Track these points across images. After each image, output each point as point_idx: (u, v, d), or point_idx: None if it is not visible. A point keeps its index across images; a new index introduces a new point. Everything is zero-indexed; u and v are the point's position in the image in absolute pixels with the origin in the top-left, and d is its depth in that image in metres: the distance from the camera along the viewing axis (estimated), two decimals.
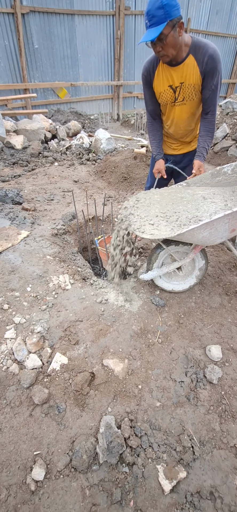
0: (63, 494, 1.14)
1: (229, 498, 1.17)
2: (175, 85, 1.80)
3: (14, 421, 1.30)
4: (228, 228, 1.55)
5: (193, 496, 1.17)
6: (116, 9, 7.36)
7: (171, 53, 1.62)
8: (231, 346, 1.68)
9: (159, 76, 1.82)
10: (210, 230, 1.53)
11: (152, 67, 1.83)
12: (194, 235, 1.54)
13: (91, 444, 1.23)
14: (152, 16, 1.49)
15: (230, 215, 1.47)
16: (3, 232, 2.46)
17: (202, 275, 1.95)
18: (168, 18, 1.48)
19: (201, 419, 1.37)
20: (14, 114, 6.01)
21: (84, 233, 2.92)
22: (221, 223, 1.51)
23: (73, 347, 1.59)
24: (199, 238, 1.57)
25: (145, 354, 1.61)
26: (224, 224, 1.52)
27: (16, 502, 1.10)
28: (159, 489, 1.17)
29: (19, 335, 1.60)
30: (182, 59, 1.70)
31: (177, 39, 1.58)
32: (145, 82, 1.91)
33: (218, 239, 1.62)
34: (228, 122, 5.55)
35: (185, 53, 1.68)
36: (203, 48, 1.64)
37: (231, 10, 9.55)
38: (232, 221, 1.52)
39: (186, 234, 1.53)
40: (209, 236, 1.57)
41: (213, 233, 1.56)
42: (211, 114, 1.84)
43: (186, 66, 1.71)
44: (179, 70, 1.74)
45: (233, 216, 1.49)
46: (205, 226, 1.49)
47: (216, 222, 1.49)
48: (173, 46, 1.59)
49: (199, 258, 1.87)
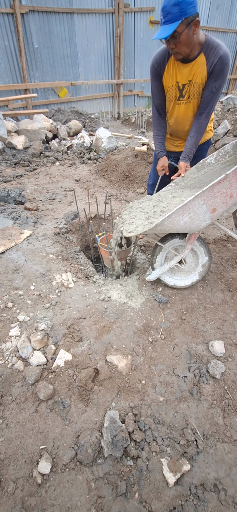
0: (69, 487, 1.16)
1: (233, 490, 1.18)
2: (182, 82, 1.77)
3: (20, 416, 1.33)
4: (207, 209, 1.56)
5: (197, 488, 1.18)
6: (116, 6, 7.34)
7: (184, 51, 1.59)
8: (234, 341, 1.69)
9: (169, 70, 1.79)
10: (188, 214, 1.55)
11: (163, 60, 1.78)
12: (174, 223, 1.58)
13: (96, 438, 1.25)
14: (167, 13, 1.46)
15: (203, 195, 1.49)
16: (6, 231, 2.48)
17: (205, 272, 1.96)
18: (183, 16, 1.45)
19: (204, 413, 1.39)
20: (15, 115, 6.03)
21: (86, 232, 2.94)
22: (197, 205, 1.53)
23: (77, 344, 1.61)
24: (181, 225, 1.60)
25: (148, 350, 1.62)
26: (201, 206, 1.54)
27: (23, 495, 1.13)
28: (164, 482, 1.18)
29: (23, 333, 1.63)
30: (194, 57, 1.67)
31: (191, 38, 1.54)
32: (155, 75, 1.85)
33: (202, 222, 1.62)
34: (230, 118, 5.52)
35: (197, 51, 1.66)
36: (215, 49, 1.61)
37: (231, 4, 9.48)
38: (208, 201, 1.53)
39: (167, 224, 1.57)
40: (191, 220, 1.59)
41: (194, 217, 1.58)
42: (204, 117, 1.81)
43: (196, 64, 1.68)
44: (190, 68, 1.71)
45: (207, 196, 1.50)
46: (181, 212, 1.53)
47: (191, 205, 1.52)
48: (186, 45, 1.56)
49: (202, 254, 1.88)
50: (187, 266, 1.97)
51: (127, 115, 8.51)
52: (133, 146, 5.08)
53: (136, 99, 9.11)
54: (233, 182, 1.47)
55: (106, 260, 2.35)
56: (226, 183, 1.48)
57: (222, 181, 1.47)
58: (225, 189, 1.50)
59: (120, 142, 5.82)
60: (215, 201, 1.54)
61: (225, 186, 1.49)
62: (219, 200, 1.53)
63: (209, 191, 1.49)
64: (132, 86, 8.80)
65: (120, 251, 2.18)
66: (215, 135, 5.38)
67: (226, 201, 1.54)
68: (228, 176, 1.45)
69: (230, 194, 1.51)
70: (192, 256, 1.95)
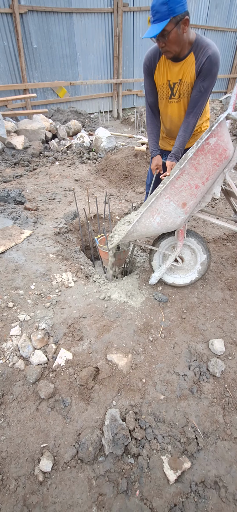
0: (70, 485, 1.16)
1: (233, 487, 1.19)
2: (173, 81, 1.78)
3: (21, 415, 1.33)
4: (176, 205, 1.53)
5: (198, 485, 1.19)
6: (114, 6, 7.35)
7: (174, 50, 1.60)
8: (234, 340, 1.70)
9: (160, 68, 1.80)
10: (158, 215, 1.55)
11: (154, 58, 1.79)
12: (148, 226, 1.58)
13: (97, 436, 1.26)
14: (156, 12, 1.47)
15: (165, 193, 1.48)
16: (6, 231, 2.49)
17: (204, 270, 1.96)
18: (172, 14, 1.45)
19: (204, 411, 1.39)
20: (14, 115, 6.03)
21: (86, 232, 2.94)
22: (163, 204, 1.52)
23: (77, 343, 1.62)
24: (156, 226, 1.59)
25: (148, 348, 1.63)
26: (168, 204, 1.52)
27: (25, 492, 1.14)
28: (164, 479, 1.19)
29: (24, 332, 1.63)
30: (184, 56, 1.68)
31: (181, 36, 1.55)
32: (147, 72, 1.87)
33: (177, 219, 1.60)
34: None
35: (188, 50, 1.66)
36: (204, 48, 1.61)
37: (230, 3, 9.48)
38: (174, 198, 1.50)
39: (140, 229, 1.57)
40: (164, 220, 1.58)
41: (165, 216, 1.56)
42: (192, 116, 1.80)
43: (186, 63, 1.69)
44: (180, 67, 1.72)
45: (171, 193, 1.49)
46: (149, 214, 1.53)
47: (156, 205, 1.51)
48: (176, 43, 1.57)
49: (200, 252, 1.89)
50: (186, 265, 1.98)
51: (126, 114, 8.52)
52: (132, 145, 5.09)
53: (136, 99, 9.11)
54: (193, 173, 1.44)
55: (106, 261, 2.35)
56: (186, 176, 1.45)
57: (180, 176, 1.44)
58: (188, 182, 1.47)
59: (119, 141, 5.82)
60: (181, 196, 1.51)
61: (186, 179, 1.46)
62: (185, 193, 1.50)
63: (170, 188, 1.47)
64: (131, 86, 8.81)
65: (118, 253, 2.19)
66: None
67: (194, 192, 1.50)
68: (185, 169, 1.42)
69: (194, 185, 1.48)
70: (191, 254, 1.95)
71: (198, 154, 1.39)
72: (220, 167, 1.45)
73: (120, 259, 2.28)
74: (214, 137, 1.36)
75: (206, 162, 1.42)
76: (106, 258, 2.26)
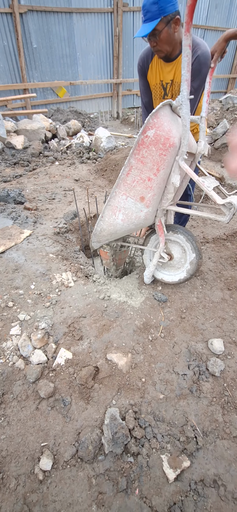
0: (70, 483, 1.17)
1: (232, 485, 1.20)
2: (165, 81, 1.79)
3: (21, 414, 1.34)
4: (135, 200, 1.52)
5: (197, 484, 1.20)
6: (114, 6, 7.35)
7: (166, 49, 1.61)
8: (233, 339, 1.71)
9: (153, 68, 1.82)
10: (119, 212, 1.55)
11: (147, 58, 1.82)
12: (114, 224, 1.59)
13: (97, 435, 1.26)
14: (147, 11, 1.48)
15: (119, 190, 1.48)
16: (6, 231, 2.49)
17: (192, 270, 1.89)
18: (162, 14, 1.47)
19: (204, 411, 1.40)
20: (14, 115, 6.03)
21: (86, 231, 2.95)
22: (121, 201, 1.52)
23: (77, 342, 1.62)
24: (122, 224, 1.60)
25: (148, 348, 1.63)
26: (126, 200, 1.51)
27: (25, 491, 1.14)
28: (164, 478, 1.20)
29: (24, 332, 1.64)
30: (175, 56, 1.69)
31: (172, 36, 1.56)
32: (141, 72, 1.90)
33: (140, 213, 1.58)
34: (229, 117, 5.54)
35: (179, 50, 1.67)
36: (194, 48, 1.60)
37: (230, 3, 9.49)
38: (130, 193, 1.49)
39: (107, 228, 1.59)
40: (127, 217, 1.57)
41: (127, 212, 1.55)
42: None
43: (178, 64, 1.70)
44: (171, 67, 1.73)
45: (125, 189, 1.48)
46: (110, 212, 1.54)
47: (113, 203, 1.51)
48: (167, 43, 1.58)
49: (189, 250, 1.84)
50: (176, 262, 1.95)
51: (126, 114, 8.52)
52: (132, 145, 5.09)
53: (135, 99, 9.12)
54: (141, 167, 1.42)
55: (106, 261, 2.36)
56: (135, 171, 1.44)
57: (129, 172, 1.43)
58: (139, 176, 1.45)
59: (119, 141, 5.83)
60: (137, 191, 1.49)
61: (136, 173, 1.44)
62: (139, 188, 1.48)
63: (123, 185, 1.47)
64: (131, 86, 8.81)
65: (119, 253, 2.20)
66: (214, 134, 5.39)
67: (149, 185, 1.47)
68: (132, 164, 1.41)
69: (146, 178, 1.45)
70: (182, 252, 1.90)
71: (140, 148, 1.38)
72: (168, 156, 1.41)
73: (121, 258, 2.29)
74: (152, 129, 1.33)
75: (151, 154, 1.39)
76: (106, 258, 2.27)
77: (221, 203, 1.41)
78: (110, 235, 1.70)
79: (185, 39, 1.11)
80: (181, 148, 1.42)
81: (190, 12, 1.05)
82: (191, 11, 1.05)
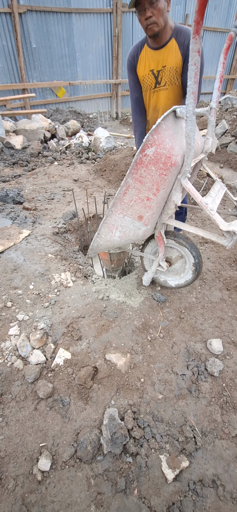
0: (69, 484, 1.17)
1: (231, 486, 1.20)
2: (157, 69, 1.81)
3: (20, 414, 1.34)
4: (132, 219, 1.44)
5: (196, 484, 1.20)
6: (114, 6, 7.35)
7: (160, 23, 1.64)
8: (232, 339, 1.71)
9: (142, 60, 1.85)
10: (116, 229, 1.48)
11: (136, 52, 1.86)
12: (110, 240, 1.54)
13: (95, 435, 1.26)
14: None
15: (116, 208, 1.40)
16: (5, 231, 2.48)
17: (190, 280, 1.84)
18: None
19: (203, 411, 1.40)
20: (13, 115, 6.02)
21: (85, 232, 2.94)
22: (118, 219, 1.44)
23: (76, 342, 1.62)
24: (118, 240, 1.54)
25: (147, 348, 1.63)
26: (123, 218, 1.44)
27: (24, 492, 1.14)
28: (163, 478, 1.20)
29: (22, 332, 1.63)
30: (165, 42, 1.73)
31: (165, 10, 1.62)
32: (130, 68, 1.93)
33: (138, 231, 1.50)
34: (228, 118, 5.55)
35: (169, 36, 1.72)
36: (185, 32, 1.68)
37: (229, 5, 9.53)
38: (127, 212, 1.41)
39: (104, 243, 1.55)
40: (124, 234, 1.51)
41: (124, 230, 1.49)
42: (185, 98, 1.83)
43: (168, 49, 1.73)
44: (162, 53, 1.76)
45: (122, 208, 1.40)
46: (107, 229, 1.48)
47: (110, 221, 1.45)
48: (162, 15, 1.62)
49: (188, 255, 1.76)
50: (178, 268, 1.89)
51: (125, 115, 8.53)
52: (131, 146, 5.09)
53: None
54: (139, 187, 1.31)
55: (105, 261, 2.36)
56: (133, 191, 1.33)
57: (126, 191, 1.33)
58: (136, 196, 1.35)
59: (118, 142, 5.83)
60: (134, 210, 1.40)
61: (134, 193, 1.34)
62: (137, 207, 1.39)
63: (120, 204, 1.38)
64: None
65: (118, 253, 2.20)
66: None
67: (147, 204, 1.38)
68: (129, 184, 1.30)
69: (145, 197, 1.35)
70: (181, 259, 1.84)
71: (138, 168, 1.25)
72: (169, 176, 1.29)
73: (120, 259, 2.29)
74: (152, 147, 1.20)
75: (150, 174, 1.27)
76: (106, 258, 2.27)
77: (224, 229, 1.32)
78: (107, 248, 1.67)
79: (194, 43, 0.88)
80: (184, 167, 1.30)
81: (201, 8, 0.81)
82: (202, 7, 0.81)
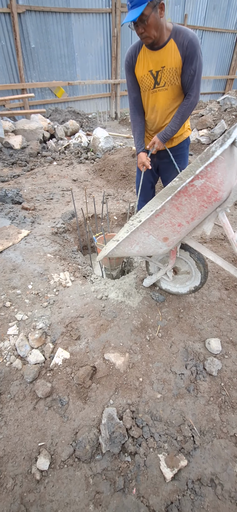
0: (68, 483, 1.17)
1: (229, 484, 1.20)
2: (156, 69, 1.81)
3: (19, 414, 1.34)
4: (156, 239, 1.40)
5: (194, 483, 1.20)
6: (113, 6, 7.36)
7: (153, 35, 1.65)
8: (230, 339, 1.71)
9: (140, 60, 1.85)
10: (137, 244, 1.45)
11: (134, 52, 1.85)
12: (127, 252, 1.52)
13: (94, 435, 1.26)
14: None
15: (143, 228, 1.34)
16: (4, 231, 2.48)
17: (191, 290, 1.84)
18: None
19: (201, 410, 1.40)
20: (12, 114, 6.01)
21: (84, 232, 2.94)
22: (142, 236, 1.40)
23: (75, 342, 1.62)
24: (135, 252, 1.52)
25: (145, 348, 1.63)
26: (147, 237, 1.39)
27: (22, 491, 1.14)
28: (161, 477, 1.20)
29: (21, 332, 1.63)
30: (164, 43, 1.73)
31: (158, 20, 1.62)
32: (128, 68, 1.92)
33: (158, 249, 1.49)
34: (226, 118, 5.56)
35: (167, 37, 1.72)
36: (184, 33, 1.68)
37: (228, 5, 9.54)
38: (154, 232, 1.37)
39: (120, 253, 1.53)
40: (143, 249, 1.48)
41: (145, 246, 1.46)
42: (186, 98, 1.83)
43: (167, 50, 1.74)
44: (161, 54, 1.76)
45: (150, 228, 1.35)
46: (127, 243, 1.44)
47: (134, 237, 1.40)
48: (155, 27, 1.63)
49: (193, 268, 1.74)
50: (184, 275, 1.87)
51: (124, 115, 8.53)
52: (130, 146, 5.10)
53: None
54: (175, 213, 1.26)
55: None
56: (167, 215, 1.28)
57: (160, 214, 1.27)
58: (169, 220, 1.30)
59: (117, 142, 5.83)
60: (162, 231, 1.36)
61: (167, 217, 1.29)
62: (166, 230, 1.35)
63: (149, 224, 1.33)
64: None
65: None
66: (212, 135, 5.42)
67: (177, 229, 1.34)
68: (165, 208, 1.25)
69: (177, 223, 1.31)
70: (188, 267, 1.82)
71: (180, 195, 1.19)
72: (209, 209, 1.25)
73: (119, 258, 2.29)
74: (202, 179, 1.14)
75: (190, 203, 1.22)
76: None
77: None
78: (119, 256, 1.65)
79: None
80: (227, 203, 1.24)
81: None
82: None
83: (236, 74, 11.03)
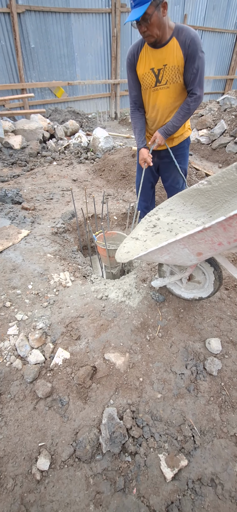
0: (68, 483, 1.17)
1: (230, 484, 1.20)
2: (157, 67, 1.81)
3: (19, 414, 1.33)
4: (190, 252, 1.38)
5: (194, 483, 1.20)
6: (112, 6, 7.36)
7: (156, 33, 1.65)
8: (231, 339, 1.71)
9: (142, 58, 1.85)
10: (168, 254, 1.44)
11: (136, 50, 1.85)
12: (153, 259, 1.51)
13: (94, 435, 1.26)
14: None
15: (182, 241, 1.33)
16: (4, 231, 2.48)
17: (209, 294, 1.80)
18: None
19: (201, 410, 1.40)
20: (12, 114, 6.01)
21: (84, 231, 2.94)
22: (176, 248, 1.38)
23: (75, 342, 1.62)
24: (162, 261, 1.52)
25: (145, 348, 1.63)
26: (182, 249, 1.37)
27: (23, 491, 1.14)
28: (161, 477, 1.20)
29: (21, 332, 1.63)
30: (166, 41, 1.73)
31: (161, 19, 1.63)
32: (129, 66, 1.92)
33: (188, 262, 1.47)
34: (226, 118, 5.56)
35: (169, 35, 1.72)
36: (186, 31, 1.69)
37: (228, 5, 9.55)
38: (190, 246, 1.35)
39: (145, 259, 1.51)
40: (172, 259, 1.47)
41: (175, 256, 1.44)
42: (190, 96, 1.83)
43: (169, 48, 1.74)
44: (163, 52, 1.76)
45: (188, 242, 1.34)
46: (158, 252, 1.42)
47: (168, 247, 1.38)
48: (157, 26, 1.63)
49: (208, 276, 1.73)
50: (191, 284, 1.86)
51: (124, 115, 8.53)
52: (130, 146, 5.10)
53: None
54: (220, 232, 1.25)
55: (104, 258, 2.36)
56: (211, 233, 1.26)
57: (204, 231, 1.27)
58: (210, 238, 1.29)
59: (117, 142, 5.83)
60: (199, 247, 1.35)
61: (210, 235, 1.28)
62: (204, 246, 1.34)
63: (188, 238, 1.32)
64: None
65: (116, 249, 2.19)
66: (212, 135, 5.42)
67: (214, 247, 1.33)
68: (213, 226, 1.24)
69: (217, 242, 1.30)
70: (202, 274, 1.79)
71: (234, 217, 1.14)
72: None
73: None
74: None
75: None
76: (104, 254, 2.27)
77: None
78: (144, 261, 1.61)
79: None
80: None
81: None
82: None
83: (236, 74, 11.04)
